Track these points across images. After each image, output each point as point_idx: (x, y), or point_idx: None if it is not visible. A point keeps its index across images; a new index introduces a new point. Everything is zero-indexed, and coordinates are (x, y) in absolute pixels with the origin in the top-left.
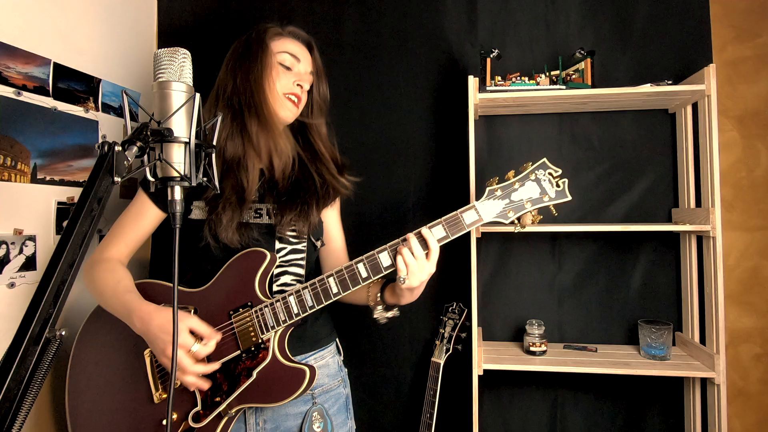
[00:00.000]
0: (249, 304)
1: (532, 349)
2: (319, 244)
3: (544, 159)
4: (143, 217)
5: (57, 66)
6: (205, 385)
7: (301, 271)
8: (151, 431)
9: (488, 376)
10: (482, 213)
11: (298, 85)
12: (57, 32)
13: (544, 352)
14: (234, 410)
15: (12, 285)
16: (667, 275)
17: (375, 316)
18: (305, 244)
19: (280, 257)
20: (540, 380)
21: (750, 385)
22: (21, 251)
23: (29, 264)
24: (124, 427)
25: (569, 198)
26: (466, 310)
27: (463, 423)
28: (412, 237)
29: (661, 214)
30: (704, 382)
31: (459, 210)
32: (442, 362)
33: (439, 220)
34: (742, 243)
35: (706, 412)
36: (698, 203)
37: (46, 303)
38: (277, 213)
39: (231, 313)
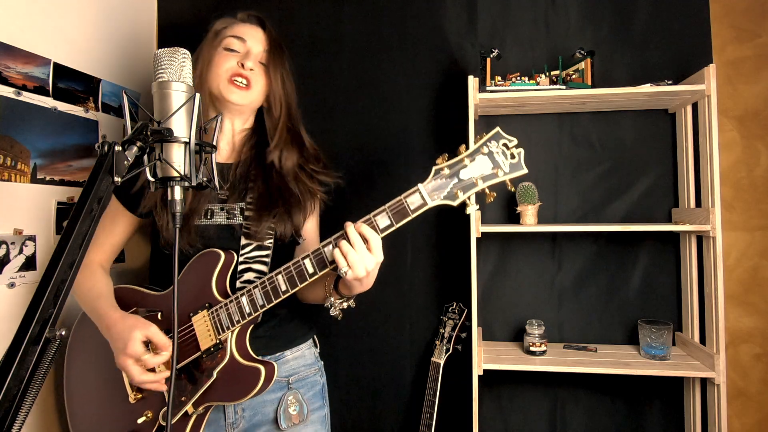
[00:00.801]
0: (207, 305)
1: (532, 349)
2: (301, 240)
3: (498, 129)
4: (116, 222)
5: (57, 66)
6: (162, 387)
7: (265, 269)
8: (129, 428)
9: (488, 376)
10: (427, 196)
11: (241, 64)
12: (57, 32)
13: (544, 352)
14: (201, 408)
15: (12, 285)
16: (667, 275)
17: (327, 306)
18: (271, 241)
19: (244, 254)
20: (540, 380)
21: (750, 385)
22: (21, 251)
23: (29, 264)
24: (108, 425)
25: (525, 170)
26: (466, 310)
27: (463, 423)
28: (349, 227)
29: (661, 214)
30: (704, 382)
31: (404, 194)
32: (442, 362)
33: (383, 206)
34: (742, 243)
35: (706, 412)
36: (698, 203)
37: (46, 303)
38: (252, 218)
39: (191, 314)
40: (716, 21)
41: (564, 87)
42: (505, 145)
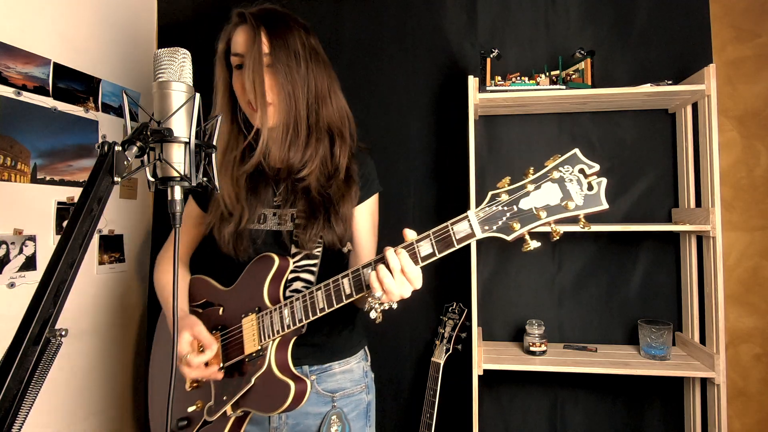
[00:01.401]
0: (257, 309)
1: (532, 349)
2: (345, 250)
3: (576, 150)
4: (191, 218)
5: (57, 66)
6: (218, 375)
7: (312, 278)
8: (181, 415)
9: (488, 376)
10: (476, 226)
11: (242, 85)
12: (57, 32)
13: (544, 352)
14: (240, 411)
15: (12, 285)
16: (667, 275)
17: (367, 309)
18: (320, 250)
19: (293, 262)
20: (540, 380)
21: (750, 385)
22: (21, 251)
23: (29, 264)
24: (175, 407)
25: (605, 206)
26: (466, 310)
27: (463, 423)
28: (389, 252)
29: (661, 214)
30: (704, 382)
31: (451, 220)
32: (442, 362)
33: (428, 232)
34: (742, 243)
35: (706, 412)
36: (698, 203)
37: (46, 303)
38: (302, 226)
39: (242, 316)
40: (716, 21)
41: (564, 87)
42: (582, 171)
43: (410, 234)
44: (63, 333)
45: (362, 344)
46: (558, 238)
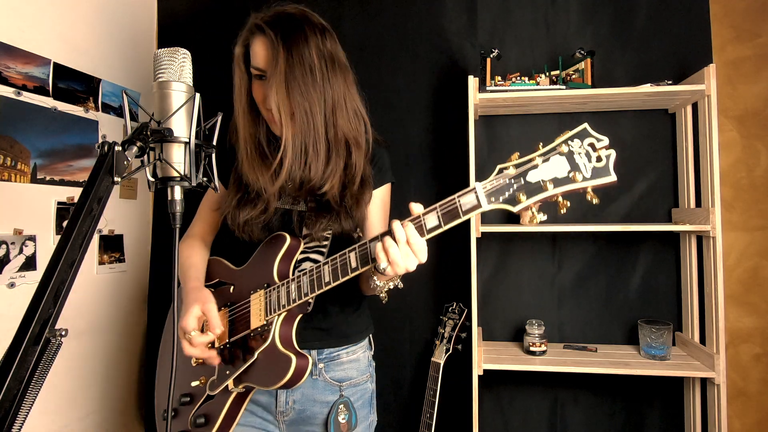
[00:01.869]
0: (265, 285)
1: (532, 349)
2: (355, 236)
3: (585, 125)
4: (214, 201)
5: (57, 66)
6: (215, 360)
7: (321, 259)
8: (185, 390)
9: (488, 376)
10: (483, 198)
11: (262, 96)
12: (57, 32)
13: (544, 352)
14: (241, 386)
15: (12, 285)
16: (667, 275)
17: (372, 287)
18: (330, 232)
19: (304, 243)
20: (540, 380)
21: (750, 385)
22: (21, 251)
23: (29, 264)
24: (179, 382)
25: (613, 178)
26: (466, 310)
27: (463, 423)
28: (395, 223)
29: (661, 214)
30: (704, 382)
31: (458, 193)
32: (442, 362)
33: (434, 205)
34: (742, 243)
35: (706, 412)
36: (698, 203)
37: (46, 303)
38: (313, 209)
39: (251, 292)
40: (716, 21)
41: (564, 87)
42: (591, 145)
43: (416, 208)
44: (63, 333)
45: (368, 331)
46: (564, 211)
